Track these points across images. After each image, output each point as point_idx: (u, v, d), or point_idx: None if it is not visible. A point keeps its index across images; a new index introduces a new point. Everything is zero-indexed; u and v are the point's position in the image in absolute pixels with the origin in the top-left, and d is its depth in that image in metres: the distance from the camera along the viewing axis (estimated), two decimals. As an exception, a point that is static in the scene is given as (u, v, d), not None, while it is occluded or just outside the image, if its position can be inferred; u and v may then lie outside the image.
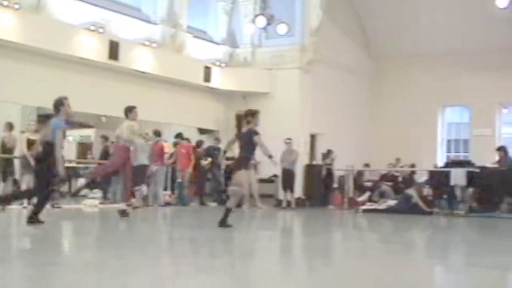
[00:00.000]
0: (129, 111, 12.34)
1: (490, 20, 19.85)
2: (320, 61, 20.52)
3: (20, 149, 14.03)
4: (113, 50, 16.55)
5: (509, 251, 8.95)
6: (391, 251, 8.71)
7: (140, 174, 14.82)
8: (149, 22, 18.26)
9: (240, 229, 12.67)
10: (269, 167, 18.52)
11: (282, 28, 19.70)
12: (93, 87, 16.40)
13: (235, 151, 18.18)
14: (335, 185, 20.07)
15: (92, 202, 16.27)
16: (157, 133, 17.02)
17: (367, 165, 21.51)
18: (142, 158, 15.28)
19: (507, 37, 21.40)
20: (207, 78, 19.28)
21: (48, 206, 12.20)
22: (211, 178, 18.86)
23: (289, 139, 18.22)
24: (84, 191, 18.93)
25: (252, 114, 10.86)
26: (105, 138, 17.87)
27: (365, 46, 24.93)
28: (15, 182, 15.07)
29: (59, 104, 9.94)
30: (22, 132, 14.42)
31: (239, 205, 17.97)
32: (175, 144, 18.27)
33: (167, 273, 5.91)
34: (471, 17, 21.68)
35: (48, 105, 10.59)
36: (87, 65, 16.19)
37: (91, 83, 16.41)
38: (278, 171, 18.41)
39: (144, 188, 15.74)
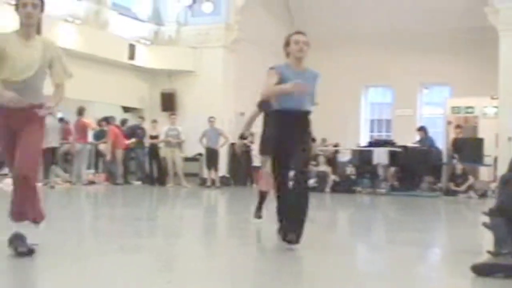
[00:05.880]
0: None
1: (415, 5, 20.31)
2: (245, 40, 20.51)
3: None
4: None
5: (425, 229, 9.24)
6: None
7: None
8: (72, -2, 17.84)
9: (165, 208, 12.71)
10: (194, 146, 18.69)
11: (207, 7, 19.67)
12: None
13: (158, 129, 18.30)
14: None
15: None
16: (81, 111, 16.76)
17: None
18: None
19: (428, 23, 21.84)
20: (131, 56, 18.99)
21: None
22: (135, 157, 18.72)
23: (213, 117, 18.11)
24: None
25: None
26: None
27: (290, 26, 25.01)
28: None
29: None
30: None
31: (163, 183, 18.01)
32: (100, 123, 18.02)
33: (89, 252, 5.86)
34: (398, 1, 22.08)
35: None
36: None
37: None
38: (202, 149, 18.51)
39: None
